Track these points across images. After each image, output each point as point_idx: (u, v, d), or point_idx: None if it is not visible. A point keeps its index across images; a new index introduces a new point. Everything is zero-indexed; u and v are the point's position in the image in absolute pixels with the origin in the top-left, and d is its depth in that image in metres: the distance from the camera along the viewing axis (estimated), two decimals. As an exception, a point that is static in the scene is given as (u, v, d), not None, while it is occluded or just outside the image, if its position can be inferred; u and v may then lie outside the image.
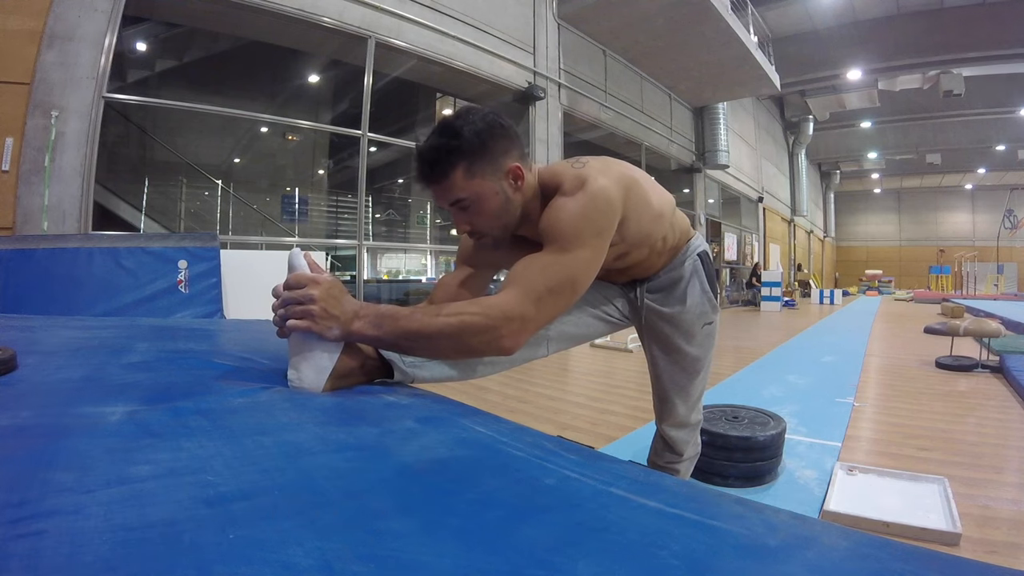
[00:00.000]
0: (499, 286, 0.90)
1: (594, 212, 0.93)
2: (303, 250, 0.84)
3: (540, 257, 0.91)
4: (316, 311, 0.77)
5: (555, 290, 0.88)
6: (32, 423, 0.63)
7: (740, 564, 0.35)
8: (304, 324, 0.76)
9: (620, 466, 0.56)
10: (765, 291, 12.56)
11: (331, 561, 0.33)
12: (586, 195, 0.93)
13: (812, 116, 17.84)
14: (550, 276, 0.89)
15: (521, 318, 0.84)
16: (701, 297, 1.26)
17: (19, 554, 0.32)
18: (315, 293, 0.77)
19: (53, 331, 1.48)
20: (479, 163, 0.91)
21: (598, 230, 0.94)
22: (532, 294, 0.86)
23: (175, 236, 3.70)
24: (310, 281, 0.79)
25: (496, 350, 0.85)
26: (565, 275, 0.90)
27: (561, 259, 0.90)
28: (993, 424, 2.91)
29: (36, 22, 3.33)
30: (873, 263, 26.91)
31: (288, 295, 0.78)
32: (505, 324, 0.83)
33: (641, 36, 8.03)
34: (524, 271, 0.89)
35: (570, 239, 0.91)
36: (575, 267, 0.91)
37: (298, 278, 0.79)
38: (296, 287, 0.78)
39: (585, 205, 0.93)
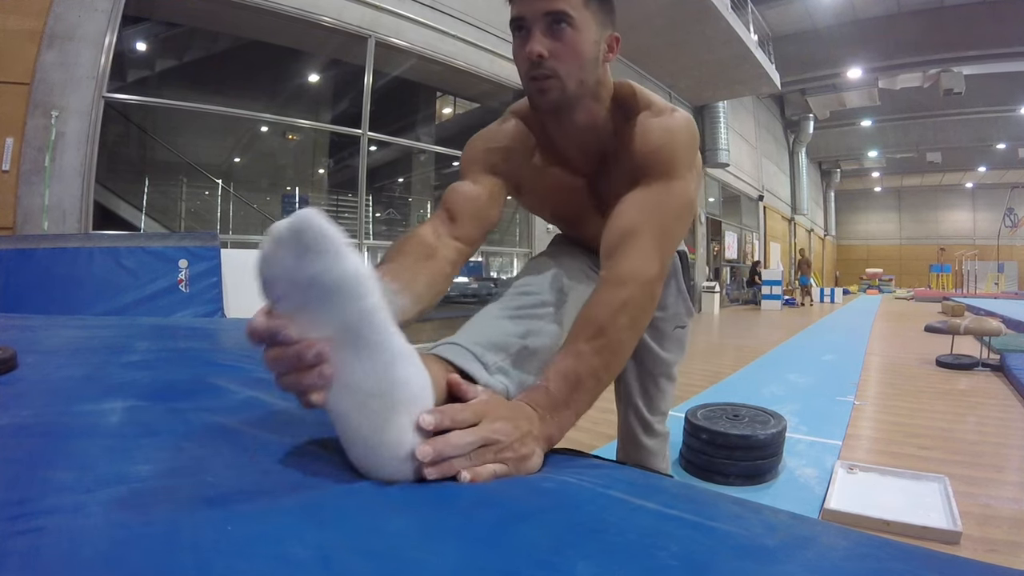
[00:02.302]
0: (611, 241, 0.76)
1: (694, 140, 0.84)
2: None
3: (648, 192, 0.78)
4: (511, 456, 0.54)
5: (674, 228, 0.79)
6: (32, 422, 0.63)
7: (739, 564, 0.35)
8: (501, 470, 0.53)
9: (618, 467, 0.56)
10: (765, 290, 12.56)
11: (330, 557, 0.33)
12: (685, 119, 0.83)
13: (812, 115, 17.81)
14: (667, 213, 0.78)
15: (661, 270, 0.75)
16: (676, 298, 1.18)
17: (19, 552, 0.32)
18: (501, 437, 0.54)
19: (53, 330, 1.48)
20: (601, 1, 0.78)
21: (694, 155, 0.85)
22: (662, 238, 0.76)
23: (175, 235, 3.70)
24: (474, 414, 0.54)
25: (657, 302, 0.76)
26: (681, 205, 0.80)
27: (674, 188, 0.79)
28: (994, 423, 2.91)
29: (36, 22, 3.33)
30: (873, 262, 26.88)
31: (456, 442, 0.51)
32: (654, 287, 0.73)
33: (641, 35, 8.01)
34: (641, 213, 0.77)
35: (679, 165, 0.80)
36: (690, 194, 0.81)
37: (454, 414, 0.53)
38: (463, 418, 0.53)
39: (686, 129, 0.82)
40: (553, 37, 0.74)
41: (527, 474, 0.55)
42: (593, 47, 0.78)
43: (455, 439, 0.50)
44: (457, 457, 0.50)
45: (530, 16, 0.74)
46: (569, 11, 0.73)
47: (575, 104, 0.82)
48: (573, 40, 0.75)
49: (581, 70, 0.78)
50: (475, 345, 0.70)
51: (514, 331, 0.76)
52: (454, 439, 0.50)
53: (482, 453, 0.52)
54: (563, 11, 0.73)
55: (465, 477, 0.49)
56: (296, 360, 0.45)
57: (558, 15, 0.73)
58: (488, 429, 0.53)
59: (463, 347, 0.69)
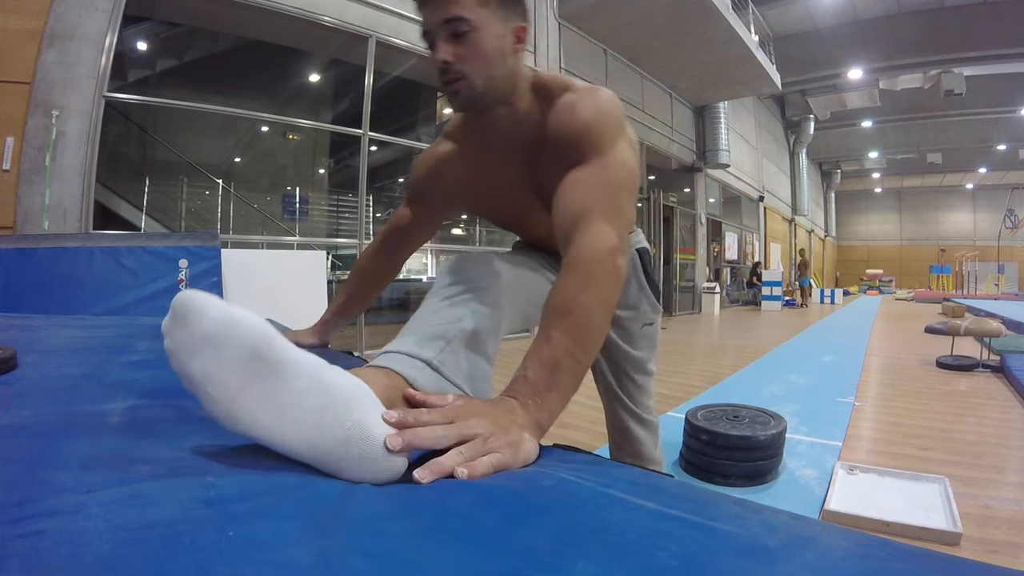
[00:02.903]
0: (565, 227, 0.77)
1: (620, 113, 0.85)
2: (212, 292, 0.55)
3: (588, 170, 0.80)
4: (500, 446, 0.54)
5: (622, 201, 0.79)
6: (32, 422, 0.63)
7: (739, 565, 0.35)
8: (497, 461, 0.53)
9: (618, 467, 0.56)
10: (766, 290, 12.56)
11: (330, 561, 0.33)
12: (608, 94, 0.85)
13: (813, 115, 17.80)
14: (612, 187, 0.79)
15: (619, 242, 0.75)
16: (639, 295, 1.19)
17: (19, 554, 0.32)
18: (479, 430, 0.55)
19: (53, 330, 1.48)
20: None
21: (623, 125, 0.85)
22: (610, 209, 0.76)
23: (176, 235, 3.70)
24: (444, 416, 0.55)
25: (623, 275, 0.76)
26: (624, 176, 0.81)
27: (612, 161, 0.80)
28: (994, 424, 2.91)
29: (37, 21, 3.33)
30: (874, 262, 26.88)
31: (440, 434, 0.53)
32: (615, 259, 0.73)
33: (642, 35, 8.02)
34: (586, 193, 0.78)
35: (612, 137, 0.81)
36: (629, 164, 0.82)
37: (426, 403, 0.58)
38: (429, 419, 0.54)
39: (610, 102, 0.84)
40: (456, 42, 0.78)
41: (524, 463, 0.55)
42: (497, 42, 0.80)
43: (425, 431, 0.52)
44: (450, 457, 0.51)
45: (433, 27, 0.78)
46: (465, 15, 0.76)
47: (491, 98, 0.85)
48: (474, 41, 0.78)
49: (488, 66, 0.81)
50: (411, 346, 0.72)
51: (448, 317, 0.77)
52: (424, 431, 0.52)
53: (473, 447, 0.53)
54: (459, 16, 0.76)
55: (461, 473, 0.49)
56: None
57: (456, 21, 0.76)
58: (463, 426, 0.54)
59: (398, 353, 0.71)
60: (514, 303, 0.89)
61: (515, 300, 0.89)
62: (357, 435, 0.49)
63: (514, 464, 0.54)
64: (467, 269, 0.85)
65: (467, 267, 0.86)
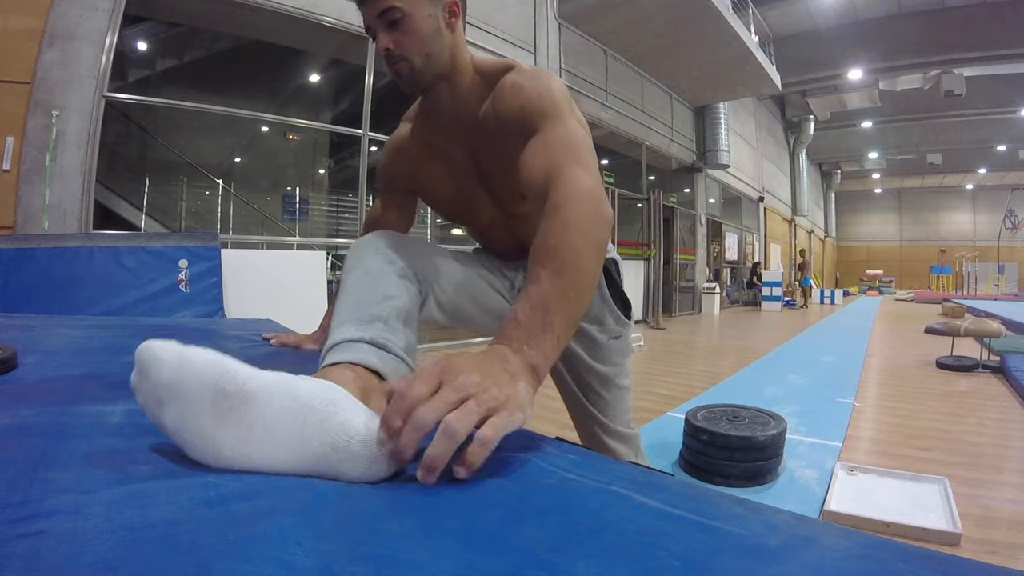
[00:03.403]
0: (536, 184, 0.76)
1: (566, 93, 0.86)
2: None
3: (546, 134, 0.80)
4: (494, 402, 0.50)
5: (587, 158, 0.77)
6: (32, 422, 0.63)
7: (740, 564, 0.35)
8: (500, 427, 0.49)
9: (619, 466, 0.56)
10: (765, 291, 12.56)
11: (330, 561, 0.33)
12: (548, 74, 0.87)
13: (813, 116, 17.81)
14: (574, 145, 0.78)
15: (595, 185, 0.74)
16: (602, 307, 1.11)
17: (19, 554, 0.32)
18: (471, 389, 0.50)
19: (54, 330, 1.48)
20: None
21: (571, 102, 0.85)
22: (579, 161, 0.75)
23: (176, 235, 3.70)
24: (429, 378, 0.51)
25: (609, 222, 0.73)
26: (583, 140, 0.80)
27: (569, 127, 0.80)
28: (993, 424, 2.91)
29: (37, 21, 3.33)
30: (874, 263, 26.88)
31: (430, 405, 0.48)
32: (595, 198, 0.72)
33: (642, 36, 8.02)
34: (551, 150, 0.77)
35: (564, 110, 0.82)
36: (584, 135, 0.82)
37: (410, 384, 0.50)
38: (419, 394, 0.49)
39: (557, 82, 0.85)
40: (392, 29, 0.82)
41: (523, 415, 0.52)
42: (429, 21, 0.84)
43: (419, 416, 0.47)
44: (437, 446, 0.46)
45: (371, 22, 0.83)
46: (396, 4, 0.81)
47: (431, 74, 0.88)
48: (408, 25, 0.82)
49: (423, 45, 0.84)
50: (355, 331, 0.72)
51: (380, 295, 0.78)
52: (418, 417, 0.47)
53: (465, 413, 0.48)
54: (390, 6, 0.81)
55: (459, 473, 0.46)
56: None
57: (389, 11, 0.81)
58: (451, 388, 0.49)
59: (348, 342, 0.70)
60: (443, 286, 0.91)
61: (444, 284, 0.91)
62: (343, 439, 0.48)
63: (512, 422, 0.50)
64: (374, 251, 0.84)
65: (392, 242, 0.85)
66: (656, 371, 4.56)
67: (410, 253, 0.86)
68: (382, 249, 0.83)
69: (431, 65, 0.86)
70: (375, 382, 0.67)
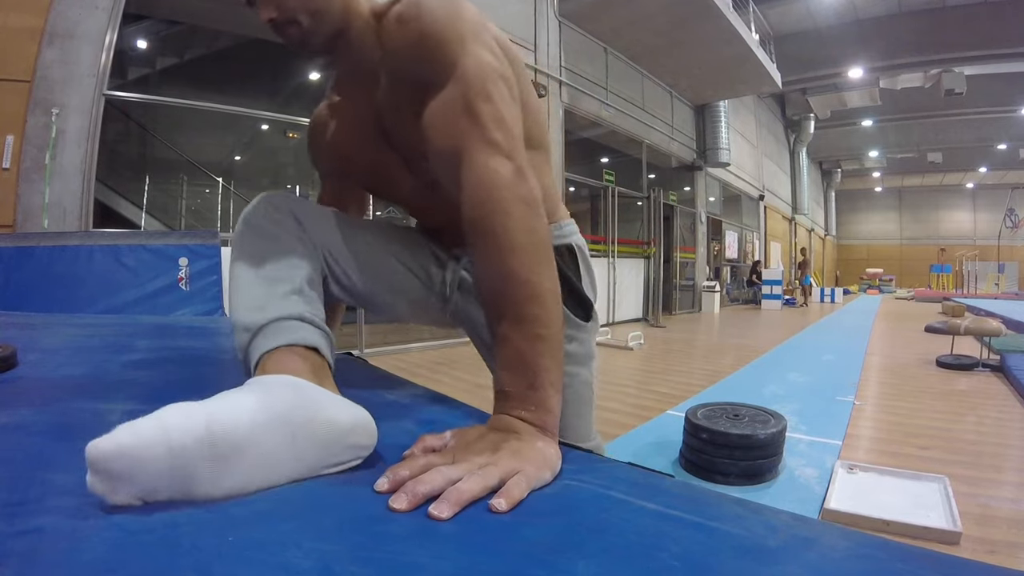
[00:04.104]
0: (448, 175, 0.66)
1: (455, 10, 0.69)
2: None
3: (442, 95, 0.66)
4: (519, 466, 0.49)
5: (495, 112, 0.64)
6: (32, 421, 0.63)
7: (739, 565, 0.35)
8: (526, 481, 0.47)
9: (619, 467, 0.56)
10: (766, 289, 12.56)
11: (330, 562, 0.33)
12: (435, 5, 0.69)
13: (813, 114, 17.79)
14: (474, 94, 0.64)
15: (515, 168, 0.62)
16: None
17: (18, 552, 0.32)
18: (489, 459, 0.50)
19: (54, 328, 1.48)
20: None
21: (474, 28, 0.69)
22: (488, 131, 0.63)
23: (176, 234, 3.70)
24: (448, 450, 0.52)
25: (534, 199, 0.62)
26: (486, 76, 0.65)
27: (465, 66, 0.65)
28: (993, 423, 2.91)
29: (37, 20, 3.32)
30: (874, 261, 26.87)
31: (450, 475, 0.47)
32: (517, 191, 0.61)
33: (642, 34, 8.01)
34: (450, 122, 0.65)
35: (455, 40, 0.66)
36: (487, 62, 0.67)
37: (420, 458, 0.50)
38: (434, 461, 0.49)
39: (445, 4, 0.69)
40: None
41: (553, 470, 0.50)
42: None
43: (429, 476, 0.46)
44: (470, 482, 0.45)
45: None
46: None
47: (322, 33, 0.76)
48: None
49: (306, 1, 0.73)
50: (279, 309, 0.65)
51: (283, 265, 0.70)
52: (428, 477, 0.46)
53: (488, 473, 0.47)
54: None
55: (500, 505, 0.43)
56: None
57: None
58: (467, 464, 0.48)
59: (276, 320, 0.64)
60: (344, 262, 0.80)
61: (344, 260, 0.80)
62: (334, 435, 0.49)
63: (540, 476, 0.49)
64: (290, 206, 0.76)
65: (289, 204, 0.77)
66: (656, 369, 4.56)
67: (309, 218, 0.76)
68: (279, 209, 0.75)
69: (321, 22, 0.74)
70: (318, 360, 0.63)
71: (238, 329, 0.66)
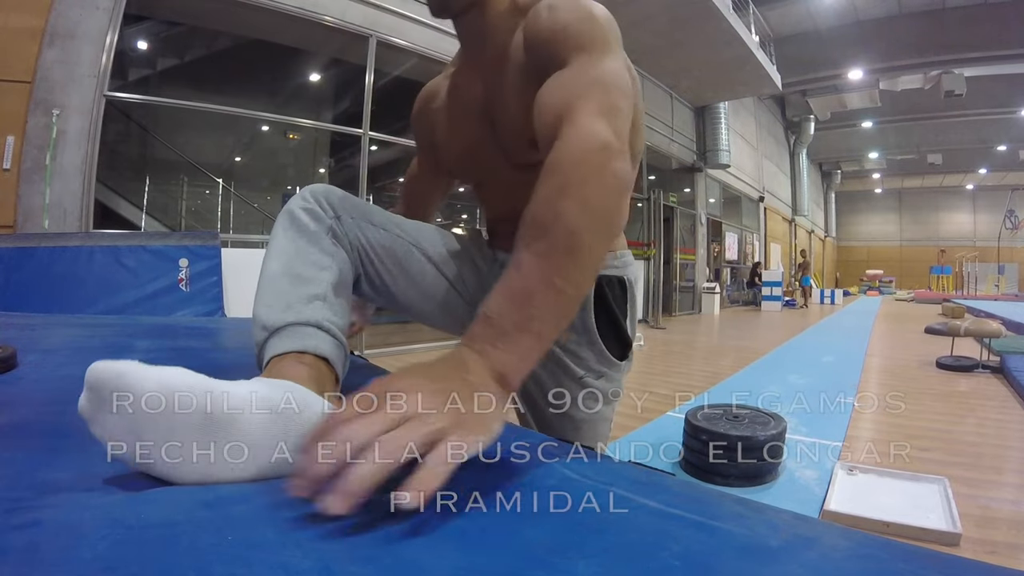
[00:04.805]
0: (544, 133, 0.62)
1: (612, 23, 0.68)
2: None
3: (572, 68, 0.64)
4: (447, 419, 0.42)
5: (618, 102, 0.61)
6: (32, 421, 0.63)
7: (741, 564, 0.35)
8: (452, 457, 0.40)
9: (620, 466, 0.56)
10: (765, 291, 12.57)
11: (330, 563, 0.33)
12: (593, 2, 0.68)
13: (813, 116, 17.82)
14: (605, 80, 0.62)
15: (614, 136, 0.57)
16: (581, 339, 0.83)
17: (17, 550, 0.32)
18: (416, 397, 0.42)
19: (54, 329, 1.48)
20: None
21: (618, 39, 0.68)
22: (601, 104, 0.59)
23: (176, 234, 3.70)
24: (372, 397, 0.42)
25: (625, 185, 0.57)
26: (620, 77, 0.63)
27: (603, 59, 0.63)
28: (993, 424, 2.91)
29: (38, 20, 3.33)
30: (874, 263, 26.88)
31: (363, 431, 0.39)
32: (608, 150, 0.55)
33: (642, 35, 8.02)
34: (572, 87, 0.62)
35: (600, 40, 0.64)
36: (624, 73, 0.64)
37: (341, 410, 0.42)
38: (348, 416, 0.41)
39: (602, 10, 0.68)
40: None
41: (481, 438, 0.43)
42: None
43: (340, 439, 0.38)
44: (364, 466, 0.37)
45: None
46: None
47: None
48: None
49: None
50: (295, 314, 0.64)
51: (309, 268, 0.68)
52: (339, 439, 0.38)
53: (393, 441, 0.38)
54: None
55: (405, 500, 0.36)
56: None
57: None
58: (387, 410, 0.40)
59: (290, 326, 0.63)
60: (379, 261, 0.78)
61: (380, 259, 0.78)
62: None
63: (465, 450, 0.40)
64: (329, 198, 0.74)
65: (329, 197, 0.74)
66: (656, 371, 4.56)
67: (350, 214, 0.75)
68: (320, 203, 0.73)
69: None
70: (325, 369, 0.63)
71: (256, 325, 0.65)
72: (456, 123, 0.87)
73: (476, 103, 0.82)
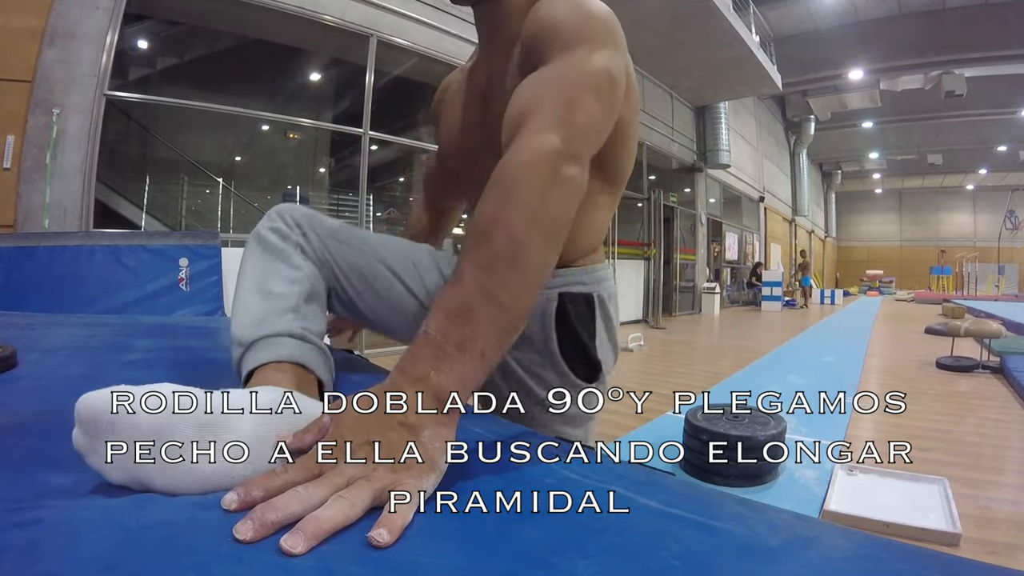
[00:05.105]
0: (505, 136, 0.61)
1: (607, 18, 0.66)
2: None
3: (544, 69, 0.62)
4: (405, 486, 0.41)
5: (583, 100, 0.59)
6: (32, 421, 0.63)
7: (741, 564, 0.35)
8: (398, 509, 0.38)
9: (620, 466, 0.56)
10: (766, 291, 12.56)
11: (330, 563, 0.33)
12: (594, 2, 0.67)
13: (814, 116, 17.81)
14: (568, 79, 0.60)
15: (562, 143, 0.55)
16: (544, 362, 0.79)
17: (17, 550, 0.32)
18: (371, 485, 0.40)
19: (54, 328, 1.48)
20: None
21: (614, 40, 0.65)
22: (560, 113, 0.57)
23: (176, 234, 3.70)
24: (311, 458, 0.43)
25: (574, 191, 0.55)
26: (593, 74, 0.61)
27: (578, 57, 0.61)
28: (993, 425, 2.91)
29: (38, 20, 3.33)
30: (874, 263, 26.87)
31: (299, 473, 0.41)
32: (555, 155, 0.53)
33: (643, 34, 8.01)
34: (538, 88, 0.60)
35: (586, 36, 0.63)
36: (603, 65, 0.62)
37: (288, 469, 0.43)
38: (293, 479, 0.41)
39: (599, 6, 0.66)
40: None
41: (435, 470, 0.43)
42: None
43: (281, 501, 0.37)
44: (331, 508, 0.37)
45: None
46: None
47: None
48: None
49: None
50: (270, 326, 0.66)
51: (280, 279, 0.70)
52: (280, 501, 0.37)
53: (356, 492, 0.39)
54: None
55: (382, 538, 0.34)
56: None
57: None
58: (327, 480, 0.40)
59: (267, 338, 0.65)
60: (346, 277, 0.79)
61: (347, 274, 0.79)
62: None
63: (421, 485, 0.41)
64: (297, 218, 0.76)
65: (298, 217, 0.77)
66: (656, 371, 4.56)
67: (316, 232, 0.76)
68: (287, 222, 0.75)
69: None
70: (305, 375, 0.65)
71: (233, 343, 0.67)
72: (455, 107, 0.88)
73: (479, 88, 0.81)
